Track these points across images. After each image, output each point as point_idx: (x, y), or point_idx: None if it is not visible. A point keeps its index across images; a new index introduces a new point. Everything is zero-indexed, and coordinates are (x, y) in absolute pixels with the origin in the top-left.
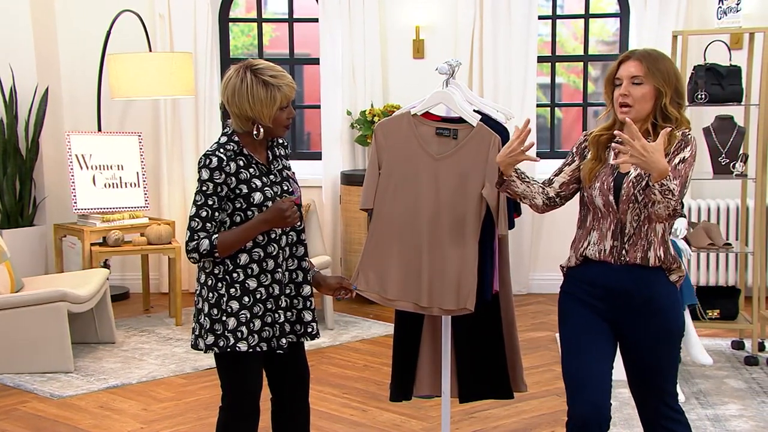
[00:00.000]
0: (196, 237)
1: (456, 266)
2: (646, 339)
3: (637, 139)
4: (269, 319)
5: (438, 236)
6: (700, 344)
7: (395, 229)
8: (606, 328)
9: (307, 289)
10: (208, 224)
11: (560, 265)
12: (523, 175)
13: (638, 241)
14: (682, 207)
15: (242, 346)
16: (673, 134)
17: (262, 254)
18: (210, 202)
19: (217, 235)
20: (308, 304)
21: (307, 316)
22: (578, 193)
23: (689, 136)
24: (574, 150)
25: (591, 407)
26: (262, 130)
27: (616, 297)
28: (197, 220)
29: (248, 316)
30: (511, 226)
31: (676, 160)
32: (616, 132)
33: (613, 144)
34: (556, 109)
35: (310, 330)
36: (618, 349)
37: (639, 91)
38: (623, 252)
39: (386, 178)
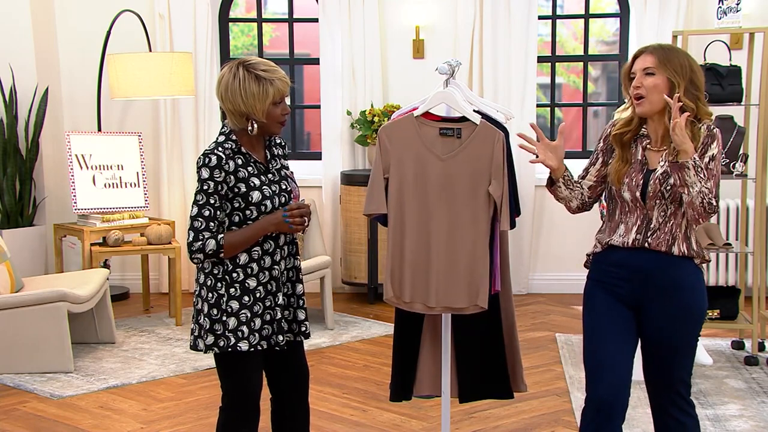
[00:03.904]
0: (201, 237)
1: (467, 264)
2: (666, 317)
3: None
4: (268, 317)
5: (448, 235)
6: (700, 344)
7: (407, 233)
8: (629, 316)
9: (300, 288)
10: (212, 223)
11: (586, 254)
12: (569, 181)
13: (662, 235)
14: (718, 205)
15: (243, 346)
16: (697, 129)
17: (260, 252)
18: (212, 201)
19: (222, 235)
20: (301, 302)
21: (301, 315)
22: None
23: (714, 130)
24: (599, 147)
25: (610, 391)
26: (256, 125)
27: (640, 277)
28: (200, 219)
29: (248, 315)
30: (512, 226)
31: (706, 159)
32: (665, 97)
33: (675, 99)
34: (556, 109)
35: (304, 329)
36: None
37: (651, 81)
38: (645, 244)
39: (395, 183)
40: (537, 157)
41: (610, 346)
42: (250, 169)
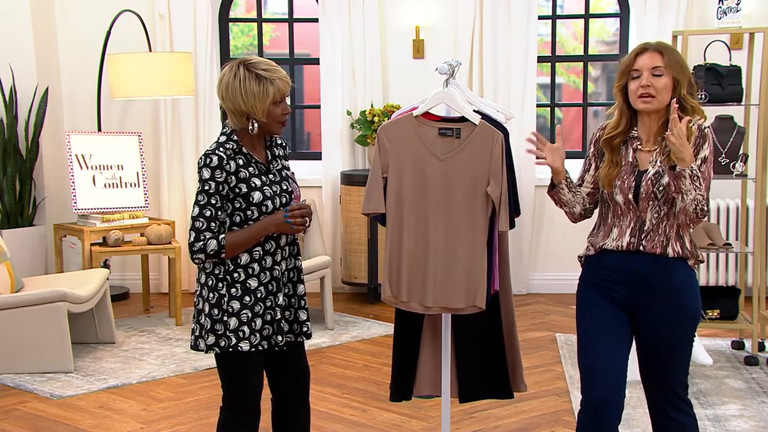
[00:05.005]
0: (203, 237)
1: (465, 264)
2: (662, 318)
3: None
4: (269, 317)
5: (446, 235)
6: (700, 344)
7: (405, 232)
8: (624, 319)
9: (301, 288)
10: (213, 224)
11: (578, 256)
12: (571, 184)
13: (656, 237)
14: (709, 210)
15: (244, 346)
16: (689, 129)
17: (261, 252)
18: (213, 201)
19: (224, 236)
20: (303, 303)
21: (302, 316)
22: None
23: (705, 130)
24: (591, 152)
25: (606, 394)
26: (256, 125)
27: (635, 279)
28: (201, 220)
29: (249, 315)
30: (512, 226)
31: (698, 161)
32: (673, 102)
33: (673, 104)
34: (556, 109)
35: (305, 329)
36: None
37: (660, 82)
38: (640, 248)
39: (394, 182)
40: (545, 159)
41: (604, 348)
42: (251, 169)
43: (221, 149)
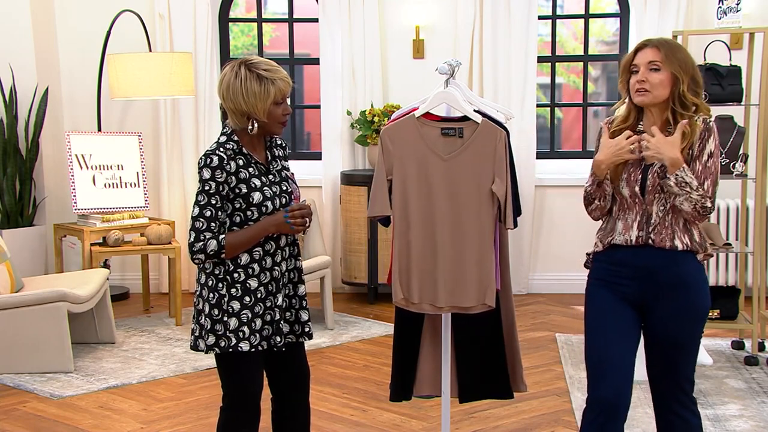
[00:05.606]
0: (203, 237)
1: (473, 263)
2: (671, 313)
3: (653, 134)
4: (269, 318)
5: (453, 235)
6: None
7: (413, 234)
8: (632, 315)
9: (302, 289)
10: (213, 224)
11: (586, 253)
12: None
13: (663, 230)
14: (713, 206)
15: (244, 346)
16: (694, 123)
17: (261, 252)
18: (213, 202)
19: (224, 236)
20: (304, 303)
21: (304, 316)
22: None
23: (710, 123)
24: (597, 147)
25: (613, 392)
26: (256, 125)
27: (644, 275)
28: (202, 220)
29: (249, 315)
30: (514, 225)
31: (705, 157)
32: (644, 136)
33: (642, 142)
34: (556, 109)
35: (307, 330)
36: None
37: (656, 77)
38: (649, 241)
39: (398, 184)
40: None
41: (613, 346)
42: (251, 170)
43: (221, 149)
